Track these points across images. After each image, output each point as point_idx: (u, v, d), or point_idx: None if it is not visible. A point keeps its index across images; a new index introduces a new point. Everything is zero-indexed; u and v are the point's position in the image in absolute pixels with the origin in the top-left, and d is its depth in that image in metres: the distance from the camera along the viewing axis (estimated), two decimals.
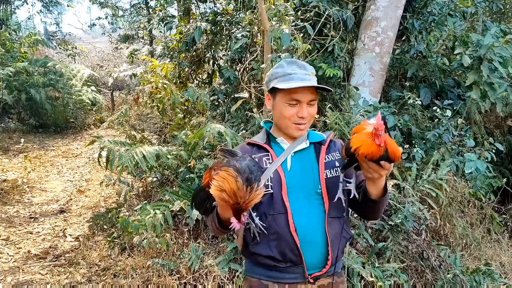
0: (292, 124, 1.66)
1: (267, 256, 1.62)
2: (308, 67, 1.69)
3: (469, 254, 3.98)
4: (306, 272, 1.60)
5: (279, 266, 1.61)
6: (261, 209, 1.61)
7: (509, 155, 5.44)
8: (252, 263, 1.70)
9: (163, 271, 3.50)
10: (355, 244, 3.52)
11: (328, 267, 1.62)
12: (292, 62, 1.70)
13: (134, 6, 13.81)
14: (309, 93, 1.64)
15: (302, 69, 1.66)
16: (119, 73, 6.27)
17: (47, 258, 4.14)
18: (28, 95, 9.41)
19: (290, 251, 1.58)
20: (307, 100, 1.64)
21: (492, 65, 4.16)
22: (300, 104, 1.64)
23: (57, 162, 7.73)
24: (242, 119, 5.02)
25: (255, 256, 1.65)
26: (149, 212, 3.61)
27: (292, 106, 1.64)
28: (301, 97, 1.62)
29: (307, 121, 1.67)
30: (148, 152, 3.81)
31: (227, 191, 1.35)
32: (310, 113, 1.66)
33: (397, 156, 1.39)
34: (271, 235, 1.61)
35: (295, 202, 1.61)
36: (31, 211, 5.39)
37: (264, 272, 1.65)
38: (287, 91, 1.63)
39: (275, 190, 1.62)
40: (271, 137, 1.77)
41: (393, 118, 4.28)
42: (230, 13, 6.38)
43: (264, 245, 1.62)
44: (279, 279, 1.62)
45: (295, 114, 1.64)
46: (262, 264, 1.64)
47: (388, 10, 4.77)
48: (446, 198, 3.90)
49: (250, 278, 1.70)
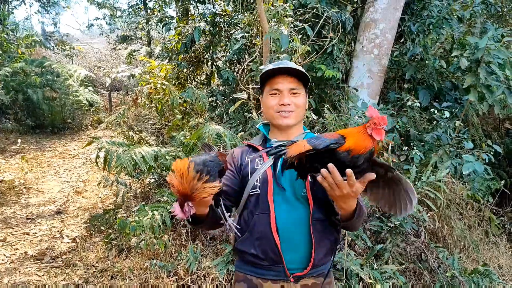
0: (276, 113, 1.74)
1: (251, 254, 1.67)
2: (291, 63, 1.76)
3: (467, 256, 3.98)
4: (287, 271, 1.63)
5: (261, 264, 1.66)
6: (249, 208, 1.69)
7: (507, 157, 5.45)
8: (241, 259, 1.76)
9: (161, 273, 3.49)
10: (354, 246, 3.51)
11: (310, 268, 1.64)
12: (278, 63, 1.78)
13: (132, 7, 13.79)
14: (287, 82, 1.72)
15: (282, 64, 1.74)
16: (117, 73, 6.25)
17: (44, 259, 4.12)
18: (25, 96, 9.38)
19: (271, 251, 1.63)
20: (287, 88, 1.72)
21: (490, 67, 4.18)
22: (281, 93, 1.73)
23: (54, 163, 7.70)
24: (240, 120, 5.01)
25: (241, 253, 1.72)
26: (147, 213, 3.60)
27: (274, 97, 1.74)
28: (280, 86, 1.72)
29: (293, 110, 1.73)
30: (147, 152, 3.79)
31: (175, 174, 1.38)
32: (294, 102, 1.73)
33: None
34: (255, 234, 1.66)
35: (279, 204, 1.65)
36: (28, 212, 5.37)
37: (250, 268, 1.71)
38: (269, 83, 1.75)
39: (261, 190, 1.67)
40: (267, 139, 1.83)
41: (391, 120, 4.28)
42: (229, 14, 6.38)
43: (249, 243, 1.68)
44: (263, 275, 1.67)
45: (277, 103, 1.73)
46: (248, 261, 1.70)
47: (386, 12, 4.77)
48: (445, 200, 3.90)
49: (238, 273, 1.77)
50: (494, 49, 4.13)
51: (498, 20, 6.60)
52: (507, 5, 6.62)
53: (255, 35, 5.03)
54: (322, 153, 1.34)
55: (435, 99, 5.03)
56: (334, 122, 4.05)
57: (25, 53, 10.99)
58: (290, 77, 1.72)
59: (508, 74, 4.28)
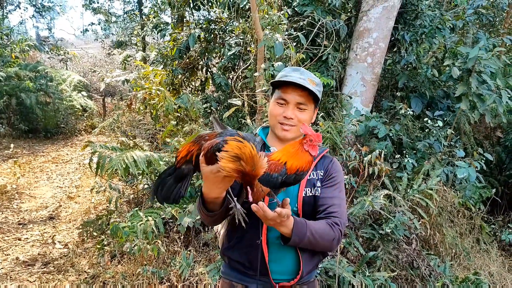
0: (278, 123, 1.72)
1: (237, 262, 1.68)
2: (308, 74, 1.72)
3: (459, 264, 4.01)
4: (273, 281, 1.65)
5: (247, 272, 1.68)
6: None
7: (498, 165, 5.51)
8: (228, 265, 1.77)
9: (153, 279, 3.48)
10: (346, 253, 3.53)
11: (297, 279, 1.66)
12: (296, 70, 1.75)
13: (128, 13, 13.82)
14: (297, 95, 1.68)
15: (299, 74, 1.70)
16: (111, 78, 6.25)
17: (36, 265, 4.09)
18: (19, 100, 9.33)
19: (258, 261, 1.63)
20: (294, 101, 1.69)
21: (481, 77, 4.24)
22: (287, 105, 1.69)
23: (47, 168, 7.65)
24: (234, 127, 5.03)
25: (228, 259, 1.73)
26: (141, 218, 3.59)
27: (280, 106, 1.71)
28: (289, 97, 1.68)
29: (295, 124, 1.70)
30: (139, 157, 3.79)
31: (244, 158, 1.28)
32: (298, 117, 1.69)
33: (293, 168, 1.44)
34: (245, 242, 1.66)
35: None
36: (20, 217, 5.33)
37: (236, 275, 1.72)
38: (280, 90, 1.71)
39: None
40: (266, 146, 1.79)
41: (384, 128, 4.32)
42: (224, 22, 6.42)
43: (237, 251, 1.69)
44: (249, 283, 1.68)
45: (281, 114, 1.70)
46: (235, 268, 1.71)
47: (380, 21, 4.83)
48: (436, 207, 3.93)
49: (224, 280, 1.78)
50: (485, 59, 4.19)
51: (490, 30, 6.70)
52: (498, 15, 6.72)
53: (250, 42, 5.06)
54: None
55: (428, 107, 5.08)
56: (329, 129, 4.09)
57: (19, 58, 10.95)
58: (301, 91, 1.68)
59: (499, 83, 4.35)
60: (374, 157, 3.72)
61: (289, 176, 1.42)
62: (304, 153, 1.43)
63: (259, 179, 1.39)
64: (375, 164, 3.73)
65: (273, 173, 1.43)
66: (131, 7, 14.10)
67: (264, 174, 1.38)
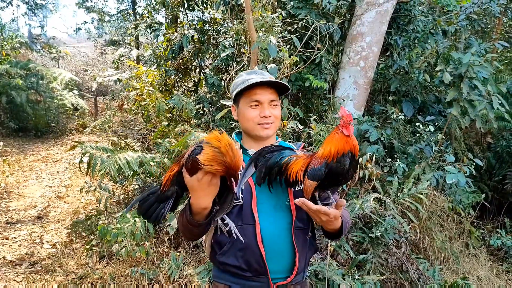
0: (257, 125, 1.72)
1: (233, 265, 1.65)
2: (266, 73, 1.77)
3: (447, 268, 4.03)
4: (271, 281, 1.64)
5: (244, 275, 1.65)
6: (231, 219, 1.63)
7: (488, 171, 5.56)
8: (220, 270, 1.73)
9: (142, 280, 3.45)
10: (336, 256, 3.53)
11: (293, 276, 1.65)
12: (252, 72, 1.78)
13: (121, 12, 13.75)
14: (268, 93, 1.72)
15: (260, 75, 1.74)
16: (104, 78, 6.21)
17: (23, 264, 4.04)
18: (9, 98, 9.25)
19: (256, 262, 1.62)
20: (267, 100, 1.72)
21: (472, 82, 4.27)
22: (261, 105, 1.72)
23: (37, 167, 7.58)
24: (227, 128, 5.01)
25: (222, 265, 1.69)
26: (129, 220, 3.56)
27: (254, 108, 1.72)
28: (260, 97, 1.71)
29: (273, 121, 1.73)
30: (132, 158, 3.77)
31: (222, 148, 1.34)
32: (273, 114, 1.73)
33: (357, 150, 1.44)
34: (238, 245, 1.63)
35: (263, 214, 1.64)
36: (8, 217, 5.26)
37: (230, 278, 1.69)
38: (247, 94, 1.72)
39: (245, 201, 1.64)
40: (243, 149, 1.78)
41: (376, 132, 4.33)
42: (218, 23, 6.41)
43: (231, 255, 1.65)
44: (244, 285, 1.66)
45: (257, 115, 1.71)
46: (229, 272, 1.68)
47: (373, 25, 4.85)
48: (426, 212, 3.95)
49: (217, 284, 1.73)
50: (477, 65, 4.23)
51: (482, 35, 6.77)
52: (490, 22, 6.79)
53: (243, 44, 5.06)
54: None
55: (419, 111, 5.11)
56: (321, 132, 4.09)
57: (10, 55, 10.85)
58: (270, 89, 1.73)
59: (490, 89, 4.38)
60: (365, 160, 3.73)
61: (331, 164, 1.42)
62: (339, 135, 1.44)
63: (307, 174, 1.46)
64: (366, 168, 3.74)
65: (316, 166, 1.45)
66: (125, 6, 14.02)
67: (310, 169, 1.46)
